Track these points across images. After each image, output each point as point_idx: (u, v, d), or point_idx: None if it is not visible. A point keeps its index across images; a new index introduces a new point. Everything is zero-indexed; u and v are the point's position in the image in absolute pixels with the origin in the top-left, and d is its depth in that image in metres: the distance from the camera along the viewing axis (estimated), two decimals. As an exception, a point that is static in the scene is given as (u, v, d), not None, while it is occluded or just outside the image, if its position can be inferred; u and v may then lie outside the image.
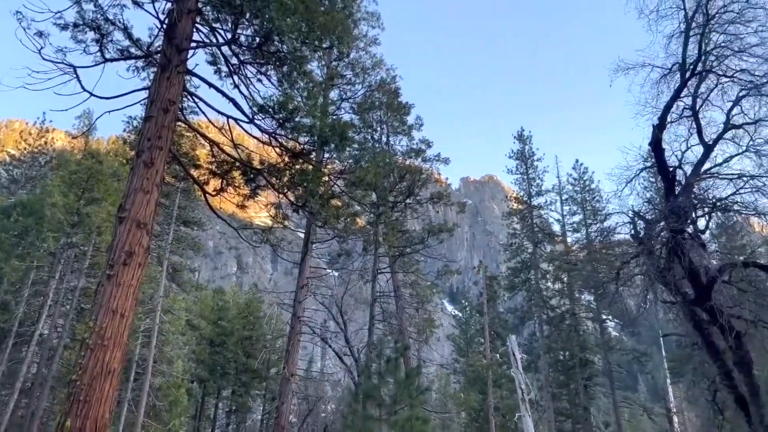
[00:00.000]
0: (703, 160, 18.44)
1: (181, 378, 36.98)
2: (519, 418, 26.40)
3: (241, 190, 16.26)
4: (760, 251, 30.24)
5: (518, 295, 51.76)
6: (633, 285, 20.17)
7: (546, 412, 43.61)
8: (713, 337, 17.54)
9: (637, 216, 18.78)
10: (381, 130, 33.75)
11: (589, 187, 52.83)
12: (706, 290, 17.17)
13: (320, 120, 15.57)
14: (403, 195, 31.58)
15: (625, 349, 48.35)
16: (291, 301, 24.60)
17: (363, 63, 28.69)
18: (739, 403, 16.84)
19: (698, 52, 17.71)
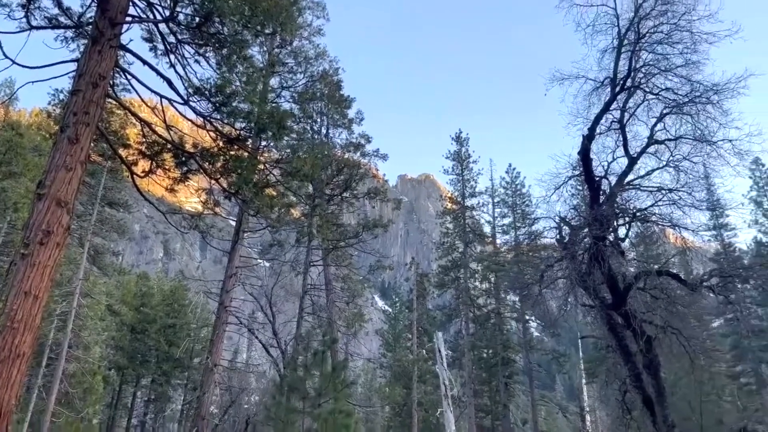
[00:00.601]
0: (627, 172, 19.34)
1: (97, 365, 35.49)
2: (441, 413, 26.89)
3: (172, 174, 15.70)
4: (674, 261, 32.04)
5: (447, 293, 52.75)
6: (556, 288, 20.89)
7: (467, 408, 44.68)
8: (626, 341, 18.44)
9: (563, 222, 19.49)
10: (321, 121, 33.49)
11: (520, 191, 54.46)
12: (623, 296, 18.06)
13: (258, 106, 15.24)
14: (340, 188, 31.47)
15: (545, 349, 50.22)
16: (218, 290, 24.05)
17: (306, 52, 28.34)
18: (646, 404, 17.80)
19: (628, 68, 18.54)
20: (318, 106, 32.69)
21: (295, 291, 30.55)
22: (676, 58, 18.21)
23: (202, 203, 18.93)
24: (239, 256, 24.11)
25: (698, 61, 17.92)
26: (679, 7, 17.62)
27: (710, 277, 19.35)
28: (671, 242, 32.96)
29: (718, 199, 36.67)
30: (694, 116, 18.20)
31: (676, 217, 18.33)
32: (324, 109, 32.87)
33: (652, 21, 18.20)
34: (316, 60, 29.40)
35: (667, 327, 18.79)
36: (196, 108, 14.32)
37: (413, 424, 42.02)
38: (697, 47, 17.72)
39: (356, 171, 30.94)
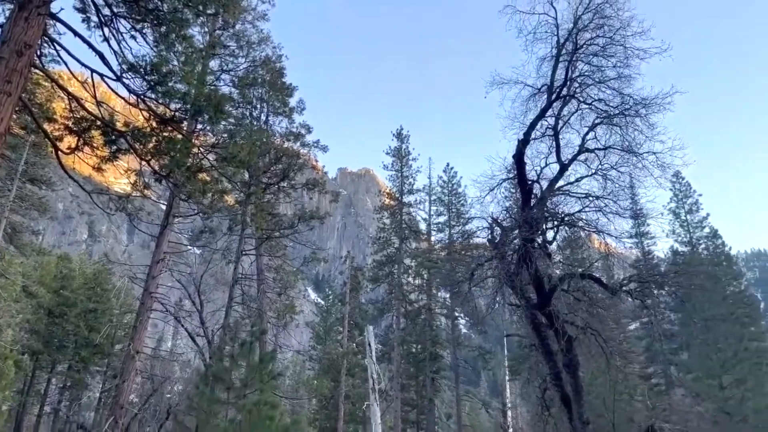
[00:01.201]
0: (558, 178, 20.02)
1: (9, 348, 33.58)
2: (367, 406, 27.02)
3: (100, 152, 15.02)
4: (597, 265, 33.43)
5: (380, 288, 53.10)
6: (485, 286, 21.42)
7: (394, 402, 45.20)
8: (549, 340, 19.13)
9: (495, 223, 19.98)
10: (261, 108, 32.87)
11: (456, 190, 55.43)
12: (548, 296, 18.71)
13: (196, 88, 14.81)
14: (278, 177, 31.02)
15: (472, 346, 51.42)
16: (145, 276, 23.24)
17: (249, 36, 27.72)
18: (564, 401, 18.55)
19: (565, 77, 19.18)
20: (259, 93, 32.07)
21: (226, 280, 29.92)
22: (610, 71, 19.01)
23: (131, 185, 18.19)
24: (168, 241, 23.38)
25: (630, 75, 18.77)
26: (614, 22, 18.38)
27: (629, 282, 20.34)
28: (595, 247, 34.35)
29: (641, 208, 38.41)
30: (623, 128, 19.04)
31: (601, 224, 19.15)
32: (265, 95, 32.28)
33: (590, 33, 18.90)
34: (259, 45, 28.83)
35: (588, 328, 19.62)
36: (130, 85, 13.76)
37: (339, 416, 42.14)
38: (629, 62, 18.55)
39: (295, 161, 30.59)
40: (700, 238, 52.85)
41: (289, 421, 18.63)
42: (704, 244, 52.63)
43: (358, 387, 48.82)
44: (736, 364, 39.25)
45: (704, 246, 52.51)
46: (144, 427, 33.52)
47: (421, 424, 49.31)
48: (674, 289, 21.80)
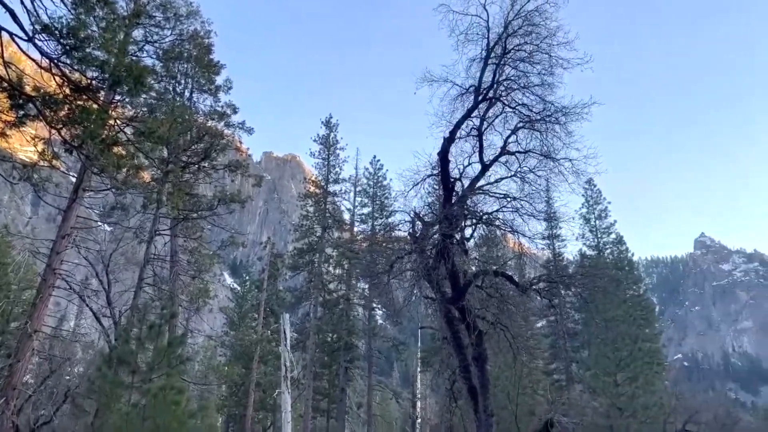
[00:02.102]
0: (479, 177, 20.61)
1: None
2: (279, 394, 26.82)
3: (6, 116, 13.99)
4: (510, 264, 34.76)
5: (300, 276, 52.71)
6: (403, 279, 21.73)
7: (305, 390, 45.12)
8: (460, 334, 19.73)
9: (417, 217, 20.33)
10: (185, 84, 31.67)
11: (381, 183, 55.81)
12: (462, 291, 19.28)
13: (116, 57, 14.06)
14: (198, 157, 30.02)
15: (387, 337, 52.11)
16: (48, 251, 21.89)
17: (177, 8, 26.54)
18: (471, 393, 19.20)
19: (492, 79, 19.73)
20: (184, 68, 30.86)
21: (137, 260, 28.73)
22: (535, 77, 19.73)
23: (38, 153, 17.07)
24: (76, 216, 22.13)
25: (553, 83, 19.56)
26: (542, 31, 19.06)
27: (539, 282, 21.29)
28: (510, 246, 35.73)
29: (555, 211, 40.32)
30: (543, 133, 19.83)
31: (517, 224, 19.92)
32: (190, 71, 31.11)
33: (518, 39, 19.50)
34: (187, 18, 27.68)
35: (498, 323, 20.39)
36: (43, 48, 12.87)
37: (249, 404, 41.61)
38: (553, 70, 19.32)
39: (218, 141, 29.69)
40: (607, 243, 55.99)
41: (196, 407, 18.19)
42: (610, 249, 55.80)
43: (270, 375, 48.35)
44: (631, 362, 41.96)
45: (610, 251, 55.68)
46: (38, 409, 31.63)
47: (332, 413, 49.55)
48: (580, 290, 23.00)
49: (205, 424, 42.23)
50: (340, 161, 53.02)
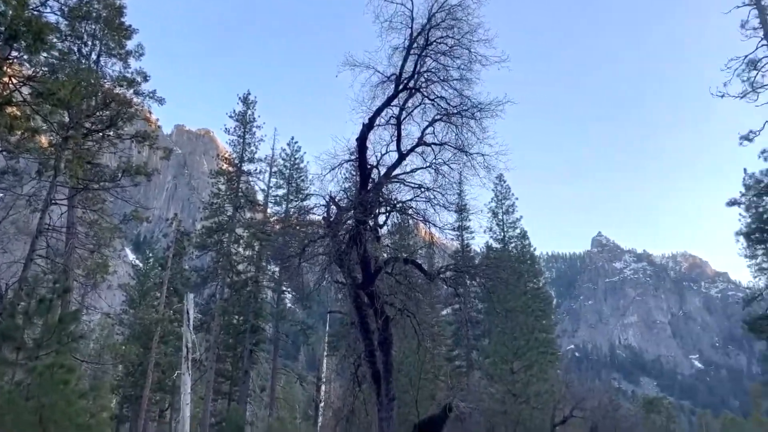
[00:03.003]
0: (395, 166, 20.82)
1: None
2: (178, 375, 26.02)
3: None
4: (421, 253, 35.49)
5: (207, 255, 51.14)
6: (315, 263, 21.62)
7: (207, 372, 44.05)
8: (368, 319, 19.93)
9: (332, 202, 20.24)
10: (93, 46, 29.61)
11: (298, 165, 55.13)
12: (372, 277, 19.46)
13: (14, 9, 12.97)
14: (103, 124, 28.27)
15: (295, 320, 51.79)
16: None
17: (86, -37, 24.81)
18: (375, 378, 19.48)
19: (413, 70, 19.91)
20: (92, 29, 28.84)
21: (29, 230, 26.73)
22: (454, 72, 20.11)
23: None
24: (-40, 178, 20.27)
25: (471, 79, 20.03)
26: (464, 26, 19.43)
27: (446, 271, 21.89)
28: (422, 236, 36.50)
29: (466, 204, 41.51)
30: (459, 127, 20.30)
31: (429, 214, 20.33)
32: (99, 33, 29.11)
33: (441, 32, 19.76)
34: (98, -25, 25.94)
35: (405, 310, 20.78)
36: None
37: (146, 385, 40.07)
38: (472, 66, 19.77)
39: (126, 109, 28.03)
40: (512, 237, 58.40)
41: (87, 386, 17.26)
42: (514, 243, 58.26)
43: (171, 355, 46.78)
44: (527, 351, 44.18)
45: (514, 245, 58.13)
46: None
47: (234, 396, 48.69)
48: (484, 281, 23.86)
49: (97, 404, 40.23)
50: (256, 140, 51.83)
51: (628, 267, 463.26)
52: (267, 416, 48.63)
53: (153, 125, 36.08)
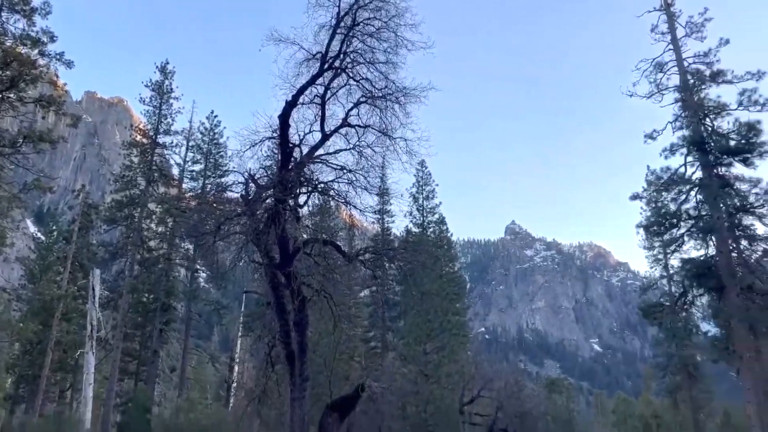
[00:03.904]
0: (318, 146, 20.59)
1: None
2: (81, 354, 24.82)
3: None
4: (341, 234, 35.47)
5: (117, 230, 48.79)
6: (232, 242, 21.12)
7: (113, 352, 42.26)
8: (284, 299, 19.73)
9: (252, 179, 19.75)
10: (-8, -1, 27.27)
11: (217, 140, 53.53)
12: (290, 258, 19.27)
13: None
14: (3, 85, 26.19)
15: (209, 300, 50.55)
16: None
17: None
18: (289, 358, 19.39)
19: (339, 49, 19.67)
20: (-8, -21, 26.57)
21: None
22: (380, 54, 20.03)
23: None
24: None
25: (396, 63, 20.05)
26: (391, 9, 19.37)
27: (365, 253, 22.00)
28: (342, 218, 36.51)
29: (388, 188, 41.85)
30: (383, 110, 20.30)
31: (350, 196, 20.26)
32: (0, -15, 26.86)
33: (368, 13, 19.61)
34: None
35: (322, 291, 20.76)
36: None
37: (45, 364, 37.99)
38: (398, 50, 19.78)
39: (29, 70, 26.04)
40: (431, 223, 59.52)
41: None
42: (433, 228, 59.41)
43: (74, 333, 44.49)
44: (440, 333, 45.48)
45: (433, 230, 59.29)
46: None
47: (141, 376, 47.03)
48: (402, 264, 24.20)
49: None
50: (174, 111, 49.75)
51: (539, 254, 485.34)
52: (176, 397, 47.41)
53: (60, 90, 33.82)
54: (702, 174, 30.15)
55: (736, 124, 29.57)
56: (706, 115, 30.76)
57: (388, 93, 20.06)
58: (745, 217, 29.53)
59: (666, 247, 45.08)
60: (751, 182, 29.35)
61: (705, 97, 31.23)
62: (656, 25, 33.08)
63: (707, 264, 29.57)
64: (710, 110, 30.70)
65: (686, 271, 31.31)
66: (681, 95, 31.65)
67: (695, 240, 31.02)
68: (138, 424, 35.04)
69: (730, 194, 29.85)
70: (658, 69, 32.51)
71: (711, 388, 59.29)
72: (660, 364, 56.91)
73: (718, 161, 30.18)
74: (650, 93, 32.69)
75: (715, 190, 29.17)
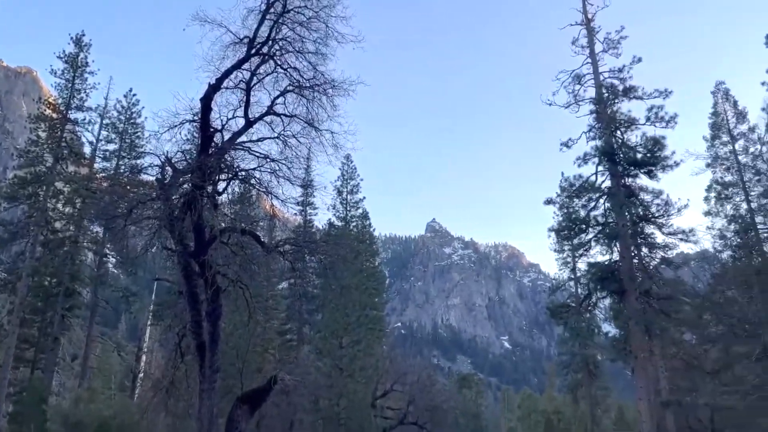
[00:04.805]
0: (241, 132, 20.12)
1: None
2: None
3: None
4: (262, 225, 34.87)
5: (18, 209, 45.60)
6: (144, 227, 20.27)
7: (9, 338, 39.52)
8: (198, 288, 19.16)
9: (168, 163, 18.99)
10: None
11: (134, 120, 51.17)
12: (206, 246, 18.73)
13: None
14: None
15: (117, 286, 48.33)
16: None
17: None
18: (199, 349, 18.86)
19: (268, 36, 19.29)
20: None
21: None
22: (310, 44, 19.83)
23: None
24: None
25: (326, 54, 19.92)
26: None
27: (285, 244, 21.75)
28: (264, 207, 35.89)
29: (312, 180, 41.42)
30: (310, 101, 20.13)
31: (272, 186, 19.93)
32: None
33: (299, 1, 19.36)
34: None
35: (238, 281, 20.35)
36: None
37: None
38: (328, 41, 19.66)
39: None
40: (354, 217, 59.60)
41: None
42: (356, 222, 59.53)
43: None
44: (357, 327, 45.72)
45: (355, 224, 59.40)
46: None
47: (39, 364, 44.26)
48: (323, 257, 24.12)
49: None
50: (88, 86, 47.05)
51: (456, 253, 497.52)
52: (77, 386, 45.02)
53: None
54: (611, 183, 31.90)
55: (643, 138, 31.52)
56: (617, 127, 32.54)
57: (316, 84, 19.91)
58: (646, 226, 31.55)
59: (574, 251, 47.55)
60: (653, 193, 31.40)
61: (617, 111, 33.05)
62: (577, 38, 34.66)
63: (611, 268, 31.33)
64: (621, 123, 32.50)
65: (591, 275, 33.04)
66: (596, 107, 33.31)
67: (601, 245, 32.82)
68: (32, 415, 33.04)
69: (635, 204, 31.78)
70: (577, 81, 34.07)
71: (608, 386, 63.13)
72: (564, 362, 59.92)
73: (625, 172, 32.03)
74: (568, 103, 34.22)
75: (621, 199, 30.94)
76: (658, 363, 40.47)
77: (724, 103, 38.71)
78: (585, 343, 52.99)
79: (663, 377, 40.79)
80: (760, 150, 35.87)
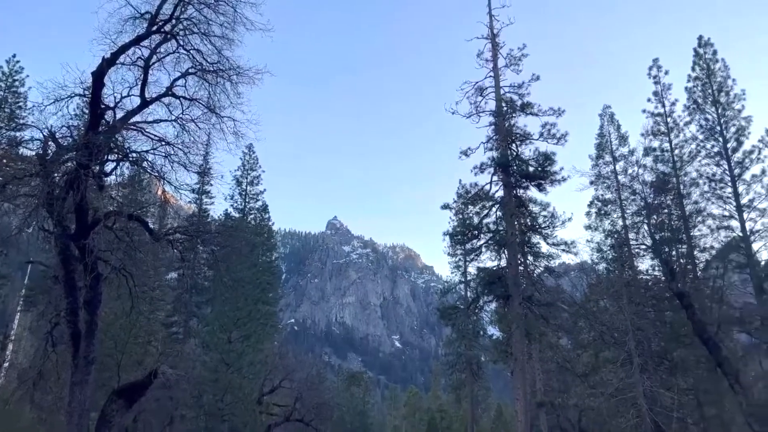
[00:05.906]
0: (136, 112, 19.10)
1: None
2: None
3: None
4: (152, 211, 33.25)
5: None
6: (20, 205, 18.72)
7: None
8: (76, 274, 17.97)
9: (52, 138, 17.66)
10: None
11: (17, 89, 46.94)
12: (88, 229, 17.59)
13: None
14: None
15: (-15, 268, 44.17)
16: None
17: None
18: (74, 338, 17.70)
19: (171, 14, 18.47)
20: None
21: None
22: (216, 28, 19.22)
23: None
24: None
25: (233, 40, 19.43)
26: (232, -18, 18.67)
27: (175, 233, 20.87)
28: (156, 193, 34.25)
29: (210, 167, 40.14)
30: (212, 86, 19.53)
31: (166, 170, 19.06)
32: None
33: (207, -19, 18.70)
34: None
35: (122, 269, 19.29)
36: None
37: None
38: (235, 27, 19.16)
39: None
40: (253, 209, 58.29)
41: None
42: (254, 215, 58.26)
43: None
44: (248, 322, 44.73)
45: (254, 216, 58.12)
46: None
47: None
48: (215, 248, 23.40)
49: None
50: (-37, 47, 42.66)
51: (355, 251, 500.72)
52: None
53: None
54: (503, 193, 33.40)
55: (536, 153, 33.27)
56: (513, 140, 34.14)
57: (220, 68, 19.35)
58: (533, 236, 33.36)
59: (466, 255, 49.42)
60: (541, 205, 33.25)
61: (514, 125, 34.65)
62: (482, 51, 35.94)
63: (498, 274, 32.82)
64: (517, 137, 34.14)
65: (480, 279, 34.44)
66: (495, 120, 34.72)
67: (491, 251, 34.26)
68: None
69: (524, 214, 33.52)
70: (479, 92, 35.33)
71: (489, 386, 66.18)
72: (450, 361, 62.00)
73: (518, 183, 33.69)
74: (470, 113, 35.38)
75: (512, 209, 32.51)
76: (536, 365, 43.04)
77: (609, 126, 41.72)
78: (470, 345, 55.16)
79: (539, 379, 43.43)
80: (636, 172, 38.97)
